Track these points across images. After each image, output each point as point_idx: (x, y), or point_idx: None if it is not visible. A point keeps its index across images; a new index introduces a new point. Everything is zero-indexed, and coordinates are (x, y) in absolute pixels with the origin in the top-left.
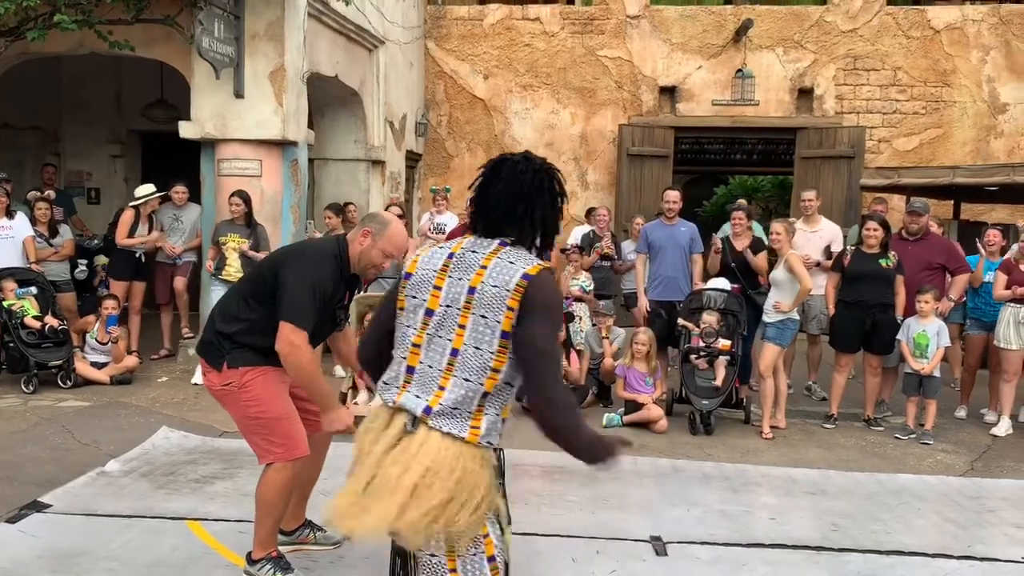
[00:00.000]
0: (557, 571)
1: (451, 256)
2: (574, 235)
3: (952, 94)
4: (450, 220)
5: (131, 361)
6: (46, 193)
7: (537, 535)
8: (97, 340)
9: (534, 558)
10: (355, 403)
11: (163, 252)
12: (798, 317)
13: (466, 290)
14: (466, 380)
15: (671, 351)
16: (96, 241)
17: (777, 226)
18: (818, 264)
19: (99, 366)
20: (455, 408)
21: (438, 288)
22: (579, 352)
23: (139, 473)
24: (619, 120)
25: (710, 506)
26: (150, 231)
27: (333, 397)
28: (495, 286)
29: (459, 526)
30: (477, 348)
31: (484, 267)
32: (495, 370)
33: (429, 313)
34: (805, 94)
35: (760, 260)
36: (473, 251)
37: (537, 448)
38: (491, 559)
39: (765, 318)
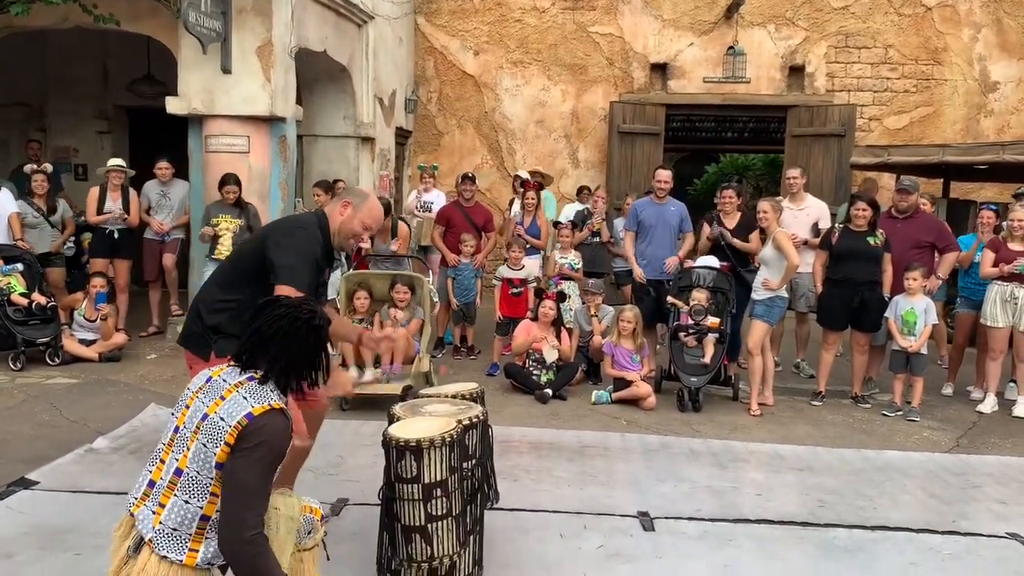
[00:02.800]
0: (545, 546)
1: (208, 380)
2: (566, 212)
3: (943, 72)
4: (437, 198)
5: (120, 338)
6: (43, 165)
7: (525, 511)
8: (85, 317)
9: (522, 534)
10: None
11: (151, 229)
12: (787, 295)
13: (200, 415)
14: (186, 502)
15: (660, 328)
16: (83, 218)
17: (764, 204)
18: (805, 243)
19: (87, 343)
20: (175, 530)
21: (188, 407)
22: (569, 330)
23: (127, 450)
24: (610, 97)
25: (697, 482)
26: (126, 208)
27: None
28: (222, 419)
29: None
30: (199, 473)
31: (223, 398)
32: (215, 495)
33: (176, 430)
34: (796, 72)
35: (753, 241)
36: (224, 380)
37: (525, 424)
38: None
39: (754, 295)
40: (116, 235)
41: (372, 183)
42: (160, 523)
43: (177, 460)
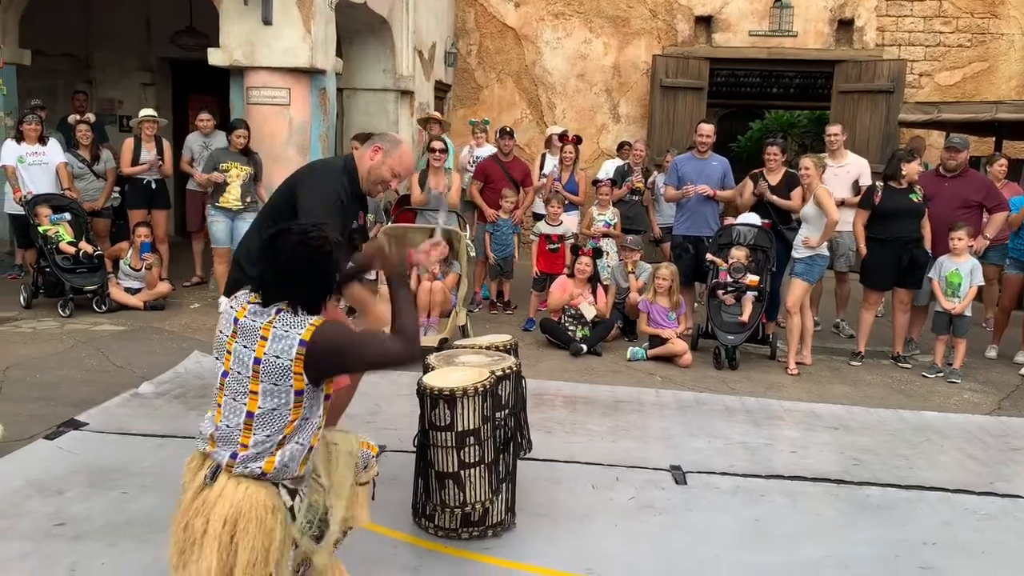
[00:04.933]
0: (577, 497)
1: (236, 322)
2: (605, 168)
3: (999, 26)
4: (489, 153)
5: (164, 287)
6: (87, 116)
7: (558, 462)
8: (131, 266)
9: (554, 484)
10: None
11: (193, 180)
12: (827, 253)
13: (251, 359)
14: (267, 436)
15: (698, 286)
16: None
17: (806, 161)
18: (843, 202)
19: (133, 292)
20: (258, 453)
21: (229, 352)
22: (605, 287)
23: (171, 395)
24: (653, 50)
25: (731, 438)
26: (161, 157)
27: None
28: (278, 356)
29: (243, 570)
30: (274, 409)
31: (264, 338)
32: (292, 420)
33: (225, 375)
34: (845, 25)
35: (795, 198)
36: (253, 320)
37: (559, 379)
38: None
39: (794, 254)
40: (153, 185)
41: (411, 137)
42: (244, 453)
43: (245, 405)
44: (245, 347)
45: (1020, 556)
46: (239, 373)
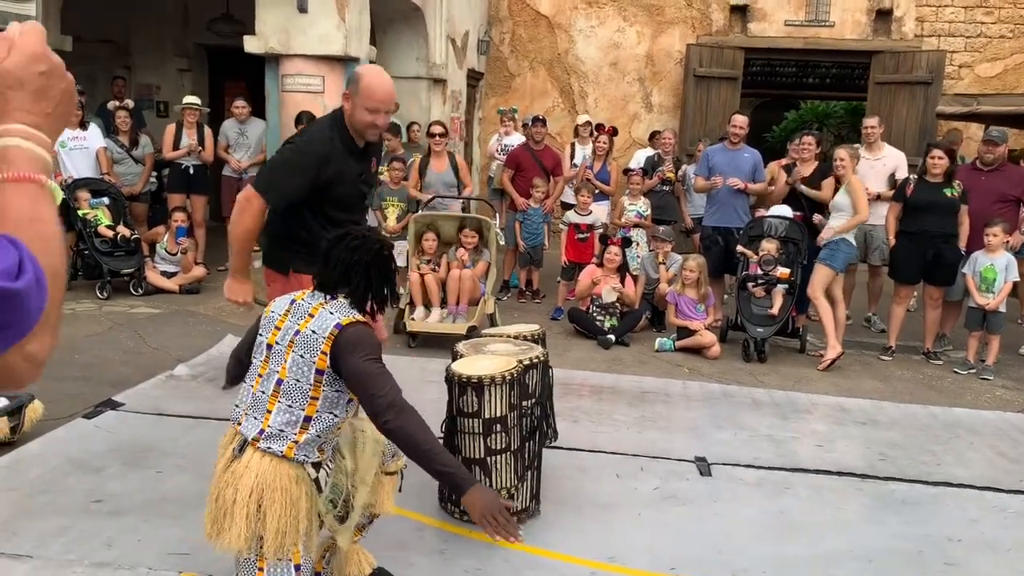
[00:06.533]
0: (601, 485)
1: (292, 302)
2: (636, 158)
3: None
4: (517, 141)
5: (199, 271)
6: (125, 102)
7: (583, 451)
8: (167, 250)
9: (579, 472)
10: (412, 318)
11: (229, 167)
12: (853, 242)
13: (293, 332)
14: (289, 407)
15: (728, 278)
16: (160, 154)
17: (841, 152)
18: (879, 196)
19: (169, 275)
20: (281, 431)
21: (278, 328)
22: (635, 277)
23: (205, 378)
24: (687, 40)
25: (758, 431)
26: (202, 144)
27: (245, 268)
28: (314, 331)
29: (273, 537)
30: (297, 380)
31: (311, 315)
32: (314, 398)
33: (269, 348)
34: (883, 15)
35: (825, 188)
36: (308, 302)
37: (587, 368)
38: (297, 567)
39: (819, 242)
40: (192, 171)
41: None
42: (268, 426)
43: (277, 372)
44: (293, 322)
45: None
46: (279, 344)
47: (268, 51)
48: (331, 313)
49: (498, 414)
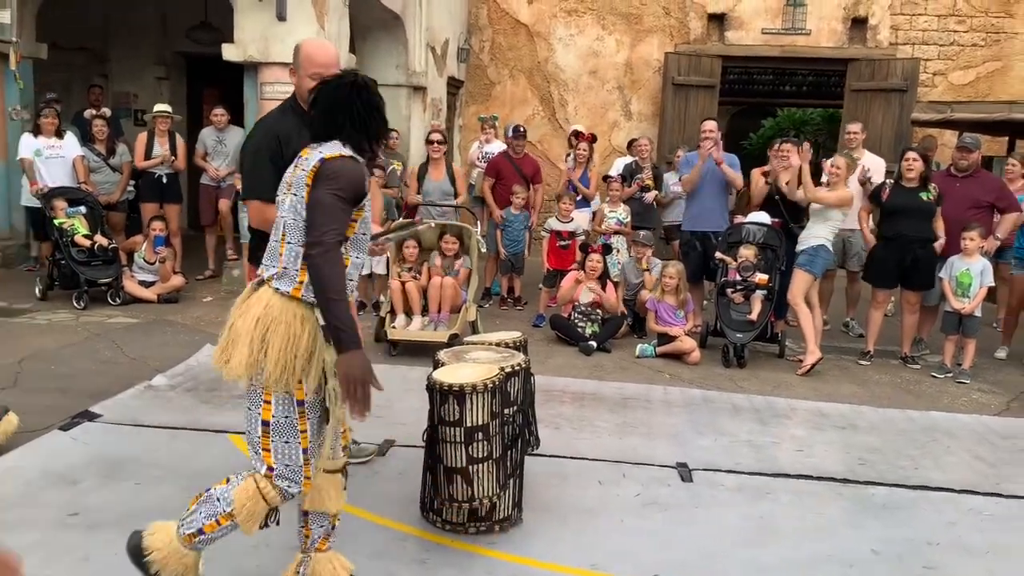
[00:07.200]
0: (583, 492)
1: (299, 157)
2: (616, 165)
3: (1015, 25)
4: (498, 149)
5: (177, 281)
6: (102, 111)
7: (565, 458)
8: (145, 260)
9: (561, 479)
10: (393, 327)
11: (207, 175)
12: (830, 247)
13: (296, 178)
14: (290, 242)
15: (708, 284)
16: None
17: (840, 160)
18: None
19: (147, 285)
20: (286, 268)
21: (288, 184)
22: (615, 283)
23: (184, 388)
24: (665, 48)
25: (738, 436)
26: (174, 153)
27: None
28: (303, 170)
29: (273, 366)
30: (294, 219)
31: (304, 157)
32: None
33: (283, 202)
34: (859, 24)
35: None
36: (309, 152)
37: (568, 375)
38: (300, 403)
39: (798, 248)
40: (164, 180)
41: (423, 133)
42: (281, 267)
43: (282, 217)
44: (292, 171)
45: None
46: (283, 194)
47: (247, 59)
48: (320, 151)
49: (480, 422)
